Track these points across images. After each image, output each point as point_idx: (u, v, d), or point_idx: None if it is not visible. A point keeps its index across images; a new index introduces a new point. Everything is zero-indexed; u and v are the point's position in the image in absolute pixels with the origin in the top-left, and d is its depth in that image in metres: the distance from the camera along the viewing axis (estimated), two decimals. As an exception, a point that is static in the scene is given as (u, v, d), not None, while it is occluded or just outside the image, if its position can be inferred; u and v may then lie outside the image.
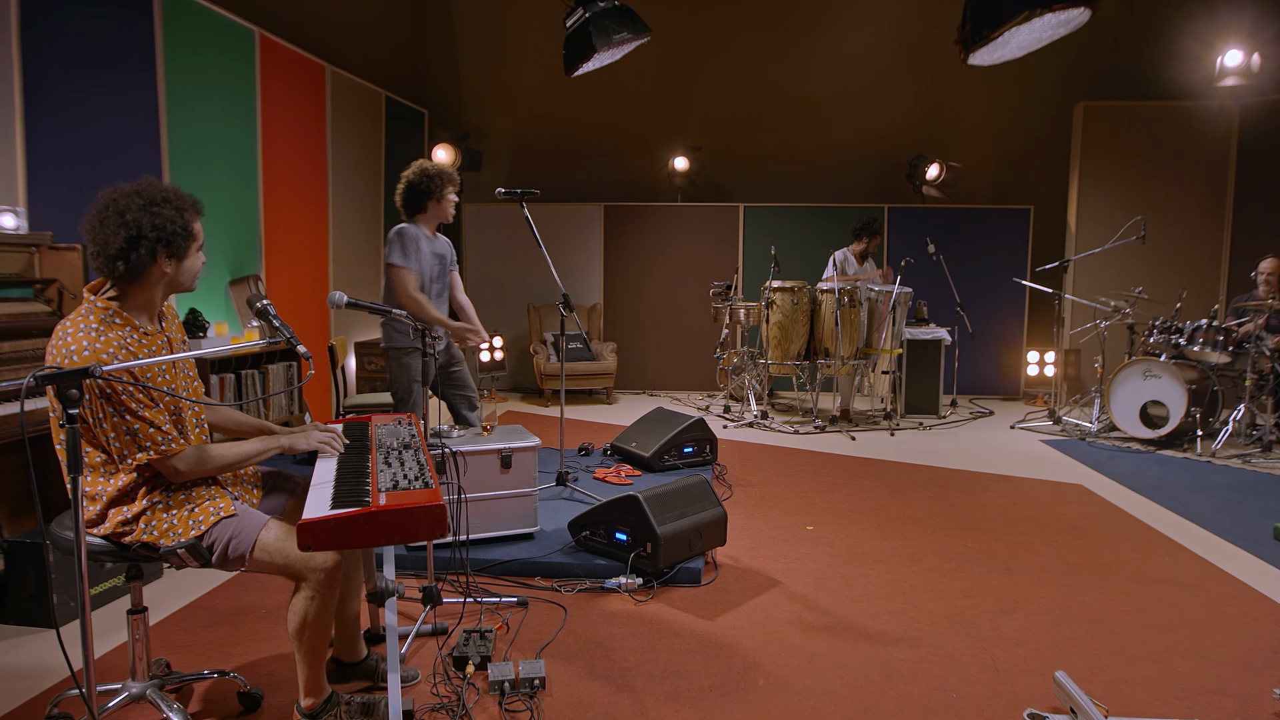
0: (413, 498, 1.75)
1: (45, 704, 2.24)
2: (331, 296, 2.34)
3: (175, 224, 1.97)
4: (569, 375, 7.49)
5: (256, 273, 5.38)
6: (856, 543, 3.76)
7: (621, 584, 3.15)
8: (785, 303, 6.44)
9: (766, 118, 8.28)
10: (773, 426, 6.44)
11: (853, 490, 4.66)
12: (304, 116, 6.00)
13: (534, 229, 4.23)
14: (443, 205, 3.91)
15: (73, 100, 3.90)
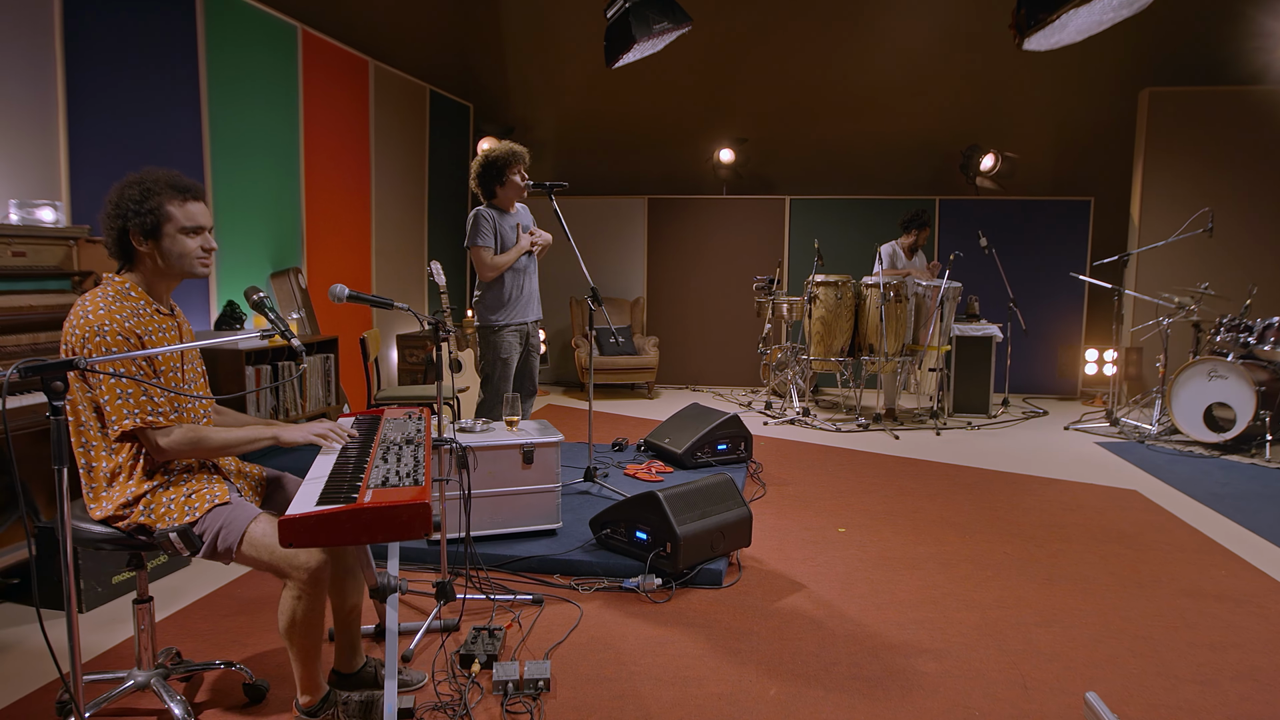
0: (399, 495, 1.71)
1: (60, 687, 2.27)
2: (333, 290, 2.33)
3: (134, 201, 1.98)
4: (610, 369, 7.46)
5: (298, 265, 5.46)
6: (889, 547, 3.63)
7: (640, 584, 3.09)
8: (828, 297, 6.28)
9: (814, 108, 8.09)
10: (814, 424, 6.29)
11: (891, 491, 4.51)
12: (347, 111, 6.06)
13: (562, 222, 4.18)
14: (508, 185, 4.14)
15: (115, 94, 3.99)
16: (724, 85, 8.24)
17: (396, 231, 6.84)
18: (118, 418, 1.91)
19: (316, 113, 5.63)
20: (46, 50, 3.61)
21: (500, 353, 4.18)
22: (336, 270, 5.92)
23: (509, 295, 4.19)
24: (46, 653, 2.58)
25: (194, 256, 2.09)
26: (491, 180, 4.15)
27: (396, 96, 6.76)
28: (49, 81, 3.63)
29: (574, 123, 8.57)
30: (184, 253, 2.06)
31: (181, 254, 2.05)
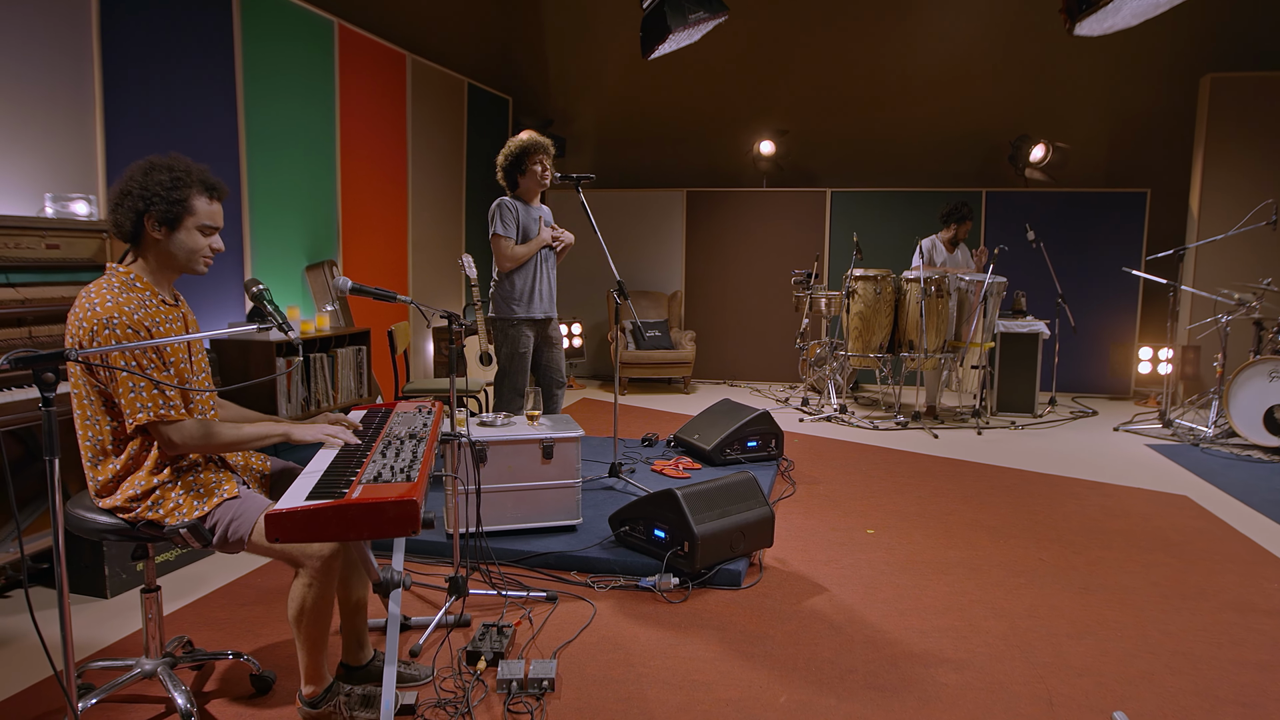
0: (387, 491, 1.68)
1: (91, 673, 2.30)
2: (335, 282, 2.31)
3: (163, 188, 1.98)
4: (646, 364, 7.41)
5: (332, 258, 5.51)
6: (918, 550, 3.51)
7: (656, 583, 3.03)
8: (867, 292, 6.13)
9: (857, 99, 7.91)
10: (851, 421, 6.16)
11: (925, 492, 4.37)
12: (383, 104, 6.10)
13: (589, 213, 4.14)
14: (529, 175, 4.13)
15: (150, 89, 4.05)
16: (765, 76, 8.10)
17: (433, 225, 6.87)
18: (131, 411, 1.92)
19: (353, 106, 5.67)
20: (84, 46, 3.68)
21: (517, 346, 4.17)
22: (372, 263, 5.97)
23: (526, 289, 4.18)
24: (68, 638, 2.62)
25: (201, 255, 2.08)
26: (514, 170, 4.15)
27: (434, 90, 6.78)
28: (86, 77, 3.70)
29: (614, 115, 8.52)
30: (194, 249, 2.05)
31: (192, 249, 2.05)
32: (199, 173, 2.05)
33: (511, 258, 4.10)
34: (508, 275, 4.18)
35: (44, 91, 3.53)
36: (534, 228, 4.18)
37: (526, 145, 4.11)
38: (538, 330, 4.28)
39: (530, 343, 4.22)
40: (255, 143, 4.76)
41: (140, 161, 2.03)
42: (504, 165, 4.17)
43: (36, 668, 2.43)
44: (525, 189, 4.19)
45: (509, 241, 4.09)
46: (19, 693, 2.29)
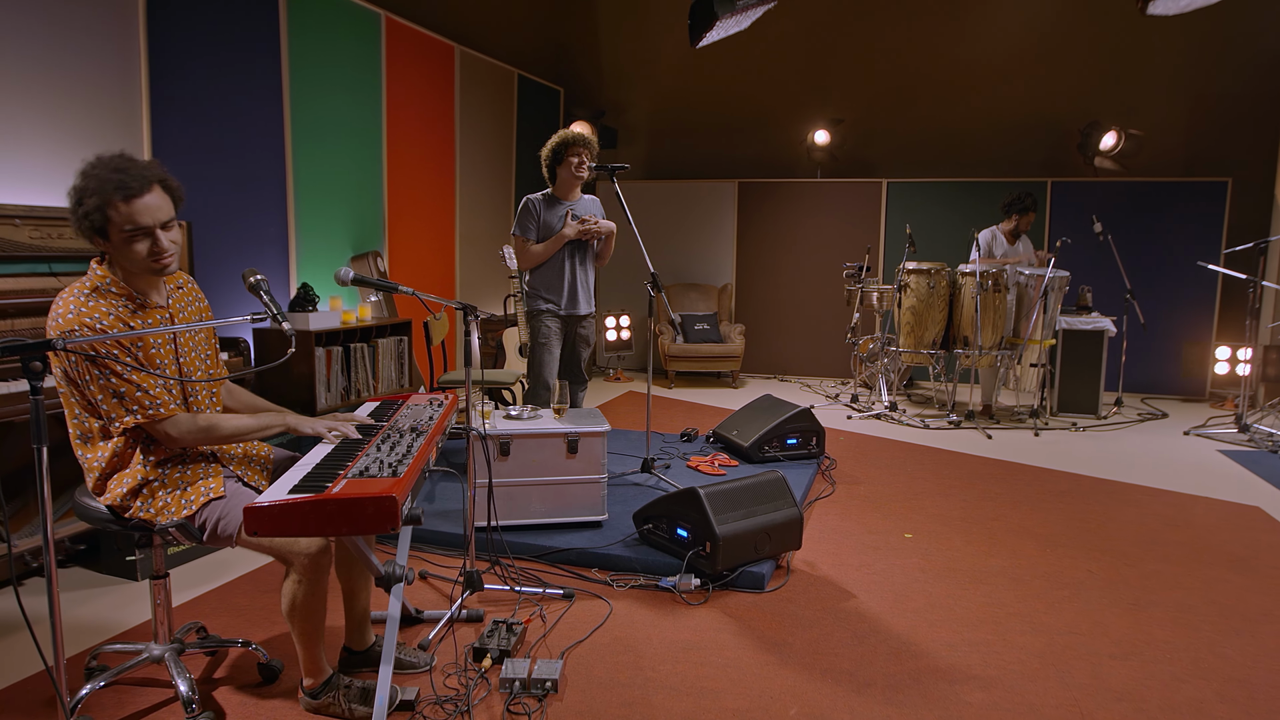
0: (369, 487, 1.64)
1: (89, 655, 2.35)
2: (338, 273, 2.29)
3: (79, 205, 1.88)
4: (693, 357, 7.32)
5: (378, 249, 5.57)
6: (957, 557, 3.34)
7: (676, 584, 2.95)
8: (920, 286, 5.91)
9: (916, 87, 7.63)
10: (902, 419, 5.96)
11: (971, 495, 4.18)
12: (431, 96, 6.13)
13: (623, 204, 4.07)
14: (566, 168, 4.15)
15: (196, 81, 4.12)
16: (820, 64, 7.89)
17: (482, 216, 6.90)
18: (117, 415, 1.91)
19: (400, 98, 5.71)
20: (130, 39, 3.77)
21: (539, 338, 4.19)
22: (417, 254, 6.02)
23: (551, 284, 4.20)
24: (88, 622, 2.69)
25: (142, 262, 1.93)
26: (554, 164, 4.20)
27: (483, 81, 6.79)
28: (133, 71, 3.79)
29: (666, 105, 8.41)
30: (134, 258, 1.92)
31: (132, 260, 1.92)
32: (108, 175, 1.87)
33: (528, 256, 4.15)
34: (534, 271, 4.22)
35: (91, 84, 3.62)
36: (557, 224, 4.17)
37: (566, 138, 4.15)
38: (567, 325, 4.26)
39: (554, 335, 4.21)
40: (300, 134, 4.83)
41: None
42: (545, 158, 4.23)
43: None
44: (562, 181, 4.20)
45: (524, 241, 4.15)
46: (39, 673, 2.35)
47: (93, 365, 1.88)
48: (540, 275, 4.21)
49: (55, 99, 3.47)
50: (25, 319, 3.04)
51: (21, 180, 3.32)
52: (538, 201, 4.18)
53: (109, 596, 2.87)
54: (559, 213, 4.19)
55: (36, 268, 3.17)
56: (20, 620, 2.68)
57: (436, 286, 6.26)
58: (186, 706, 2.05)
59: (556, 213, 4.19)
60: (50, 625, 1.60)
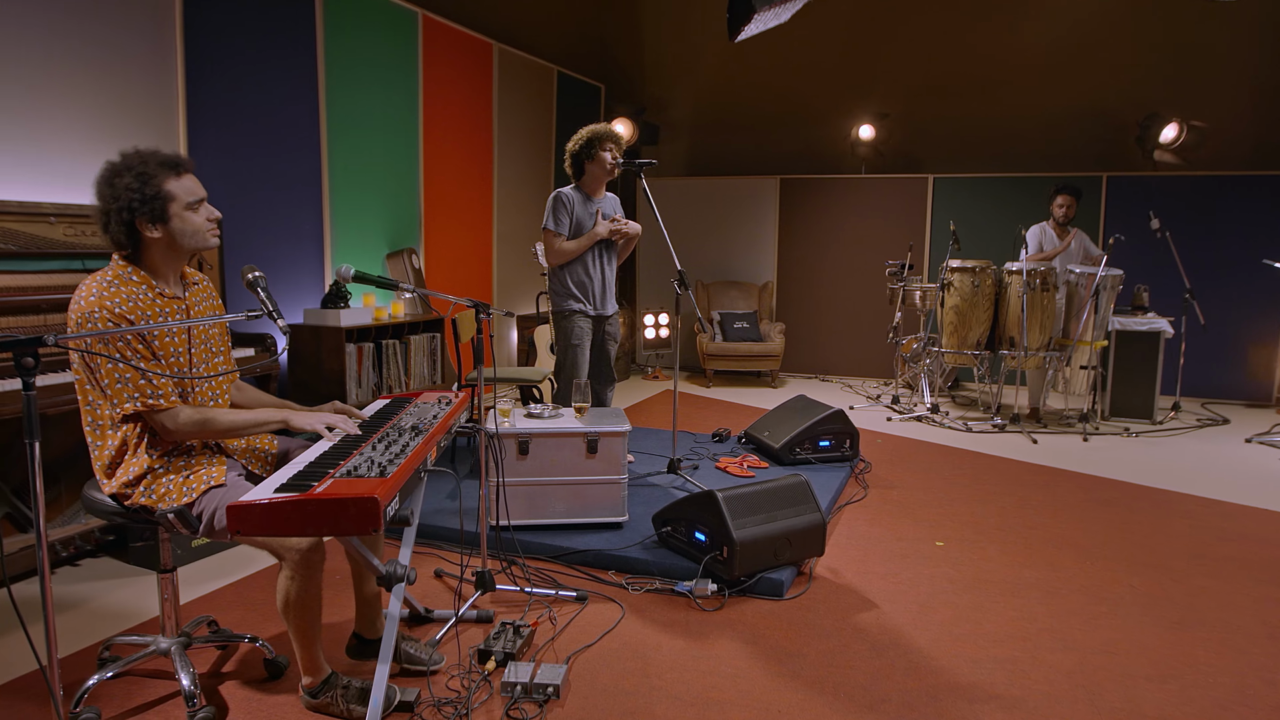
0: (354, 488, 1.62)
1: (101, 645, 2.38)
2: (339, 270, 2.27)
3: (135, 191, 1.95)
4: (732, 355, 7.22)
5: (413, 246, 5.60)
6: (990, 568, 3.21)
7: (692, 589, 2.89)
8: (964, 284, 5.72)
9: (965, 79, 7.40)
10: (944, 422, 5.78)
11: (1009, 503, 4.02)
12: (468, 93, 6.15)
13: (651, 202, 4.00)
14: (596, 164, 4.08)
15: (232, 79, 4.17)
16: (866, 57, 7.70)
17: (520, 214, 6.90)
18: (119, 400, 1.94)
19: (436, 96, 5.73)
20: (167, 38, 3.83)
21: (570, 338, 4.13)
22: (453, 251, 6.04)
23: (580, 283, 4.14)
24: (110, 611, 2.74)
25: (204, 230, 2.08)
26: (583, 156, 4.12)
27: (522, 79, 6.79)
28: (169, 68, 3.85)
29: (709, 101, 8.32)
30: (195, 229, 2.05)
31: (193, 231, 2.04)
32: (156, 158, 2.01)
33: (560, 253, 4.07)
34: (558, 269, 4.16)
35: (126, 82, 3.69)
36: (589, 222, 4.10)
37: (599, 132, 4.09)
38: (596, 325, 4.23)
39: (585, 335, 4.16)
40: (336, 132, 4.87)
41: (100, 173, 1.99)
42: (573, 151, 4.15)
43: (81, 636, 2.53)
44: (591, 176, 4.15)
45: (559, 238, 4.06)
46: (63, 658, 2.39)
47: (106, 347, 1.92)
48: (570, 275, 4.14)
49: (90, 96, 3.54)
50: (58, 314, 3.11)
51: (56, 178, 3.40)
52: (570, 195, 4.10)
53: (133, 586, 2.92)
54: (590, 209, 4.13)
55: (70, 264, 3.24)
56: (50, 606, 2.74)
57: (473, 283, 6.28)
58: (188, 701, 2.06)
59: (588, 209, 4.13)
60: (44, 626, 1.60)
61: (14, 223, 3.07)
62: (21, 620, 1.61)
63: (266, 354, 3.60)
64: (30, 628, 2.58)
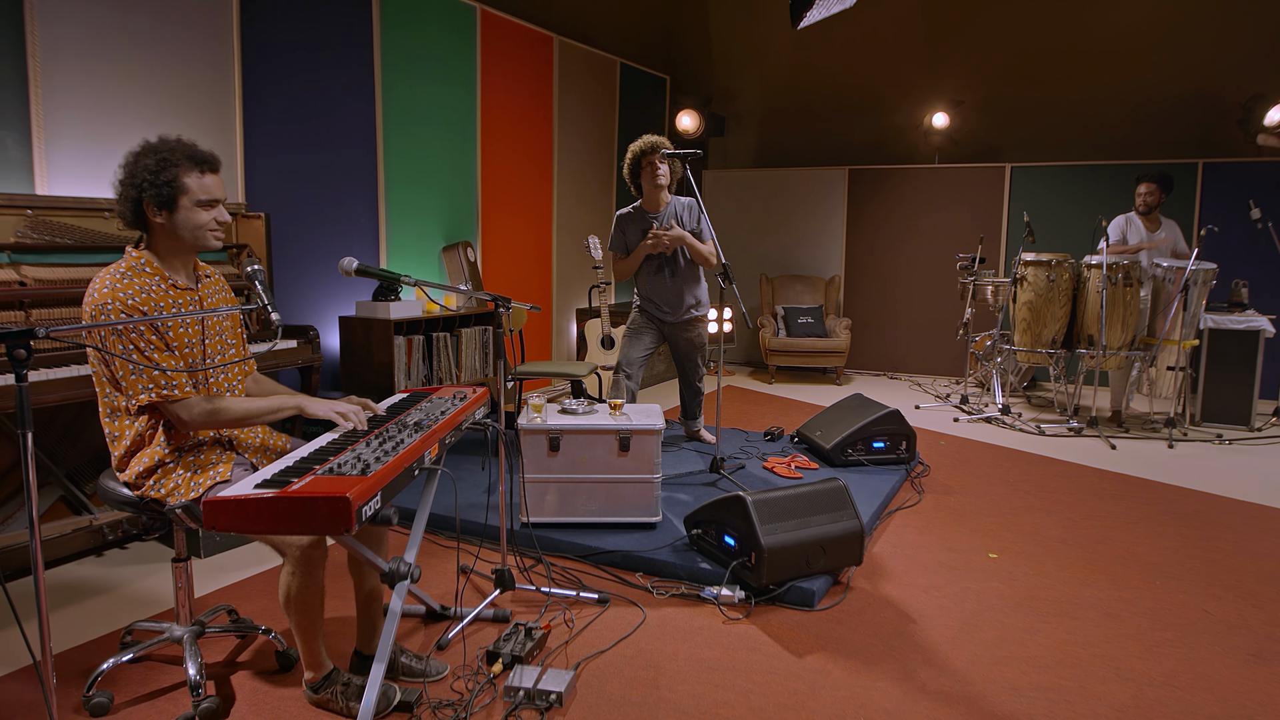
0: (330, 486, 1.57)
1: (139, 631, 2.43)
2: (342, 262, 2.24)
3: (151, 173, 1.97)
4: (795, 351, 7.02)
5: (469, 240, 5.62)
6: (1046, 584, 2.98)
7: (717, 595, 2.77)
8: (1038, 279, 5.39)
9: (1048, 62, 6.98)
10: (1015, 424, 5.47)
11: (1077, 513, 3.75)
12: (528, 86, 6.13)
13: (696, 193, 3.89)
14: (647, 179, 4.16)
15: (288, 76, 4.24)
16: (940, 41, 7.36)
17: (581, 207, 6.86)
18: (134, 392, 1.96)
19: (495, 89, 5.73)
20: (224, 35, 3.91)
21: (629, 324, 4.32)
22: (511, 244, 6.04)
23: (646, 295, 4.32)
24: (146, 595, 2.80)
25: (207, 229, 2.07)
26: (635, 176, 4.24)
27: (583, 71, 6.74)
28: (226, 67, 3.93)
29: (777, 91, 8.11)
30: (197, 225, 2.05)
31: (195, 226, 2.04)
32: (185, 149, 2.03)
33: (619, 272, 4.29)
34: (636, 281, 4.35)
35: (188, 83, 3.79)
36: (638, 237, 4.22)
37: (636, 152, 4.19)
38: (668, 329, 4.34)
39: (641, 326, 4.32)
40: (392, 127, 4.91)
41: (134, 147, 2.04)
42: (627, 176, 4.28)
43: (115, 618, 2.60)
44: (647, 192, 4.23)
45: (617, 257, 4.29)
46: (86, 642, 2.46)
47: (120, 339, 1.93)
48: (639, 286, 4.34)
49: (150, 95, 3.64)
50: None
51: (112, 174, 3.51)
52: (626, 217, 4.27)
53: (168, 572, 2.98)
54: (645, 223, 4.23)
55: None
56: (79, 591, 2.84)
57: (531, 276, 6.27)
58: (193, 690, 2.07)
59: (643, 224, 4.23)
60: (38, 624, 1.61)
61: (71, 217, 3.18)
62: (17, 620, 1.63)
63: (309, 346, 3.65)
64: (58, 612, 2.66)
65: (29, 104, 3.25)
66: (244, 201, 4.02)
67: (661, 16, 8.32)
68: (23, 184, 3.25)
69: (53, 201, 3.15)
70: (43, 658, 1.65)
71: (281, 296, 4.27)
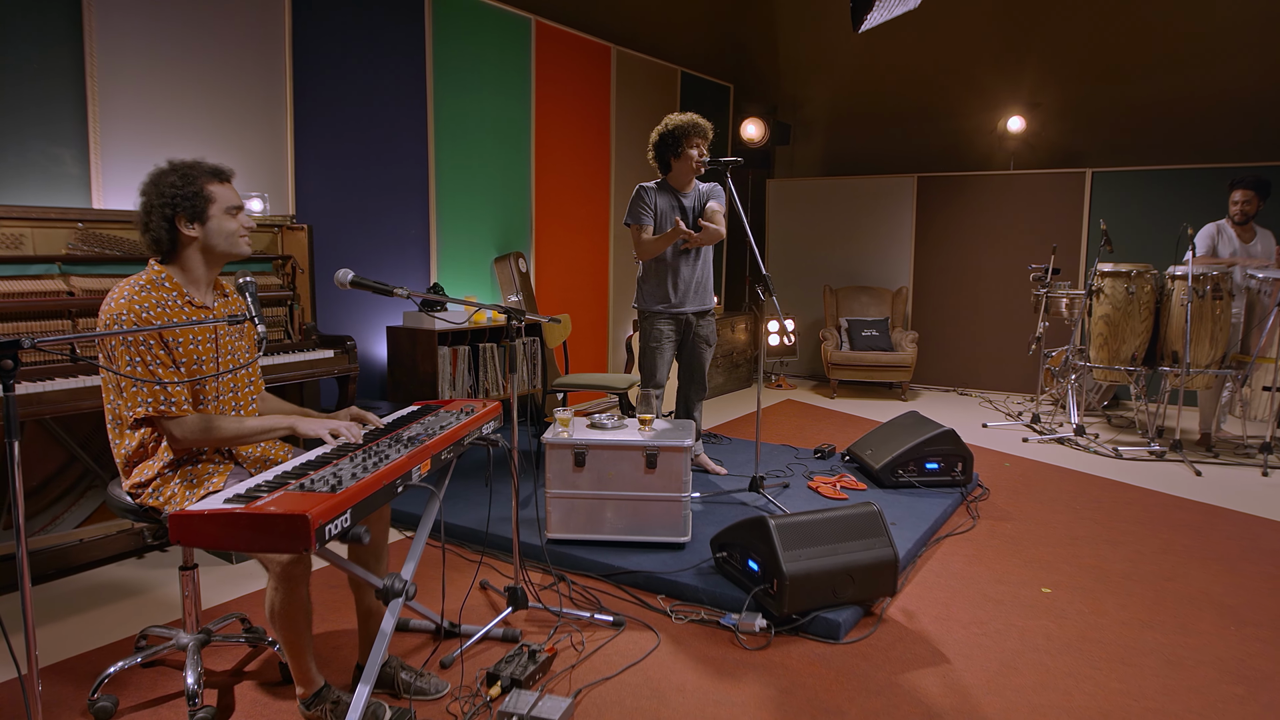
0: (291, 504, 1.54)
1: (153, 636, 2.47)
2: (337, 275, 2.22)
3: (179, 188, 2.02)
4: (858, 365, 6.79)
5: (522, 251, 5.63)
6: (1102, 624, 2.74)
7: (737, 623, 2.64)
8: (1116, 291, 5.05)
9: (1134, 59, 6.56)
10: (1091, 446, 5.13)
11: (1149, 546, 3.45)
12: (584, 97, 6.11)
13: (738, 202, 3.77)
14: (683, 159, 3.87)
15: (340, 88, 4.32)
16: (1016, 41, 7.02)
17: (636, 216, 6.80)
18: (132, 405, 1.98)
19: (549, 99, 5.73)
20: (276, 52, 4.01)
21: (649, 340, 3.97)
22: (567, 255, 6.02)
23: (666, 280, 3.95)
24: (171, 600, 2.85)
25: (238, 235, 2.13)
26: (667, 152, 3.91)
27: (642, 80, 6.69)
28: (278, 82, 4.02)
29: (844, 98, 7.89)
30: (229, 232, 2.11)
31: (228, 234, 2.10)
32: (203, 166, 2.10)
33: (645, 248, 3.90)
34: (648, 266, 4.00)
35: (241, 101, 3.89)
36: (673, 216, 3.90)
37: (686, 126, 3.84)
38: (681, 325, 4.02)
39: (666, 337, 3.98)
40: (444, 138, 4.96)
41: (147, 176, 2.09)
42: (656, 145, 3.94)
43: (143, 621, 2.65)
44: (678, 173, 3.94)
45: (644, 231, 3.87)
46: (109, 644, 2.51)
47: (128, 351, 1.96)
48: (655, 272, 3.97)
49: (200, 109, 3.75)
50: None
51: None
52: (651, 189, 3.92)
53: (206, 576, 3.03)
54: (674, 203, 3.95)
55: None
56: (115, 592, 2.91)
57: (586, 287, 6.24)
58: (190, 700, 2.08)
59: (672, 203, 3.94)
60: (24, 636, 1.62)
61: (120, 230, 3.29)
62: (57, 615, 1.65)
63: (345, 356, 3.69)
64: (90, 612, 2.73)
65: (87, 122, 3.39)
66: (293, 214, 4.12)
67: (727, 24, 8.21)
68: (80, 198, 3.39)
69: (103, 215, 3.27)
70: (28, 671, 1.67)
71: (328, 307, 4.34)
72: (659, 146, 3.93)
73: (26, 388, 2.67)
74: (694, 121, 3.86)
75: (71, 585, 2.98)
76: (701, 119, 3.90)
